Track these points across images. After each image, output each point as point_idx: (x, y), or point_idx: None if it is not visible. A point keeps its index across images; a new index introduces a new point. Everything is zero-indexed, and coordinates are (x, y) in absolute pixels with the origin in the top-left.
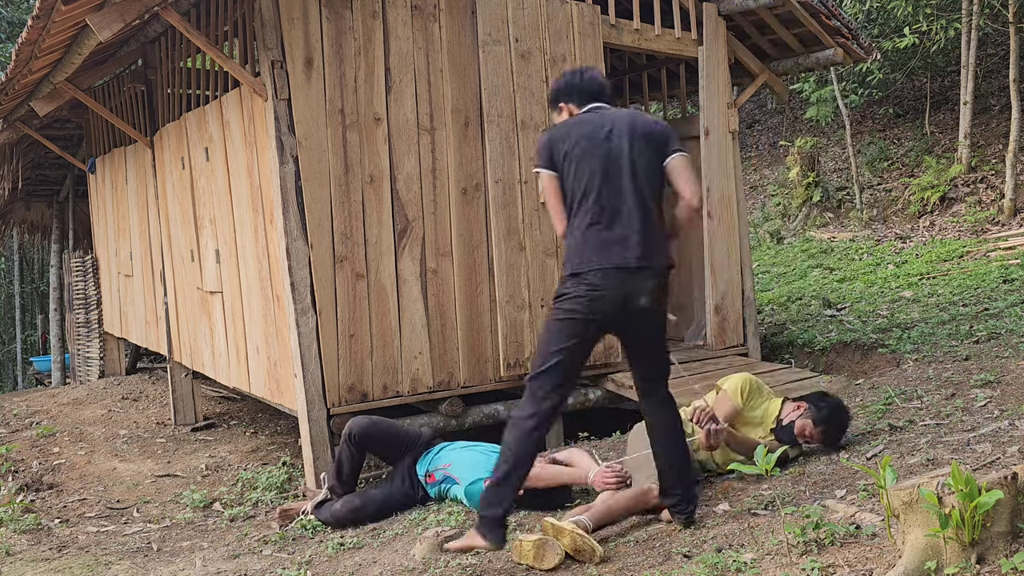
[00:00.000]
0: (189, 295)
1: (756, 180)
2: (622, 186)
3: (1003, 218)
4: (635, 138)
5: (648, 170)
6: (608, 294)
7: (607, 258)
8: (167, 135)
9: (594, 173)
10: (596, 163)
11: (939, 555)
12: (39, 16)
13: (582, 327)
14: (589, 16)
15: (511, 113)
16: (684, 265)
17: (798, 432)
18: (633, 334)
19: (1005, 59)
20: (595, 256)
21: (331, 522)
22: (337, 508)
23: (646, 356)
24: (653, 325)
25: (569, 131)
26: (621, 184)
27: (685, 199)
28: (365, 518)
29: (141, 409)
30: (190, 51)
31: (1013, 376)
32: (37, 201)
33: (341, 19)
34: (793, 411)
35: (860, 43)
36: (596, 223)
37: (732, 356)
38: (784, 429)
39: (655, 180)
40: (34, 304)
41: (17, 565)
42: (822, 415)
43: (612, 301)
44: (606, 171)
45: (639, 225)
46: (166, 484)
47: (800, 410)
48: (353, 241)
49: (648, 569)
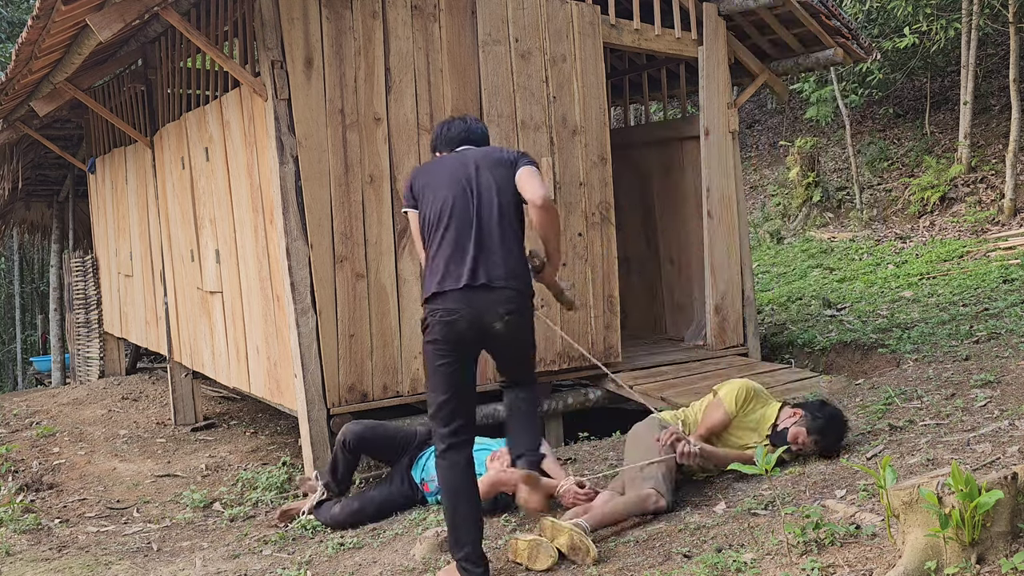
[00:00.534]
0: (189, 295)
1: (756, 180)
2: (473, 212)
3: (1003, 218)
4: (484, 166)
5: (501, 194)
6: (461, 316)
7: (458, 281)
8: (167, 135)
9: (446, 201)
10: (448, 192)
11: (939, 555)
12: (39, 16)
13: (449, 351)
14: (589, 16)
15: (511, 113)
16: (684, 265)
17: (791, 439)
18: (496, 352)
19: (1005, 59)
20: (448, 280)
21: (330, 524)
22: (336, 512)
23: (512, 369)
24: (515, 345)
25: (427, 168)
26: (472, 210)
27: (528, 199)
28: (365, 519)
29: (141, 409)
30: (190, 51)
31: (1013, 376)
32: (37, 201)
33: (341, 19)
34: (789, 417)
35: (860, 43)
36: (450, 249)
37: (732, 356)
38: (779, 435)
39: (509, 203)
40: (34, 304)
41: (17, 565)
42: (817, 425)
43: (468, 323)
44: (455, 199)
45: (492, 248)
46: (166, 484)
47: (796, 417)
48: (353, 241)
49: (648, 569)
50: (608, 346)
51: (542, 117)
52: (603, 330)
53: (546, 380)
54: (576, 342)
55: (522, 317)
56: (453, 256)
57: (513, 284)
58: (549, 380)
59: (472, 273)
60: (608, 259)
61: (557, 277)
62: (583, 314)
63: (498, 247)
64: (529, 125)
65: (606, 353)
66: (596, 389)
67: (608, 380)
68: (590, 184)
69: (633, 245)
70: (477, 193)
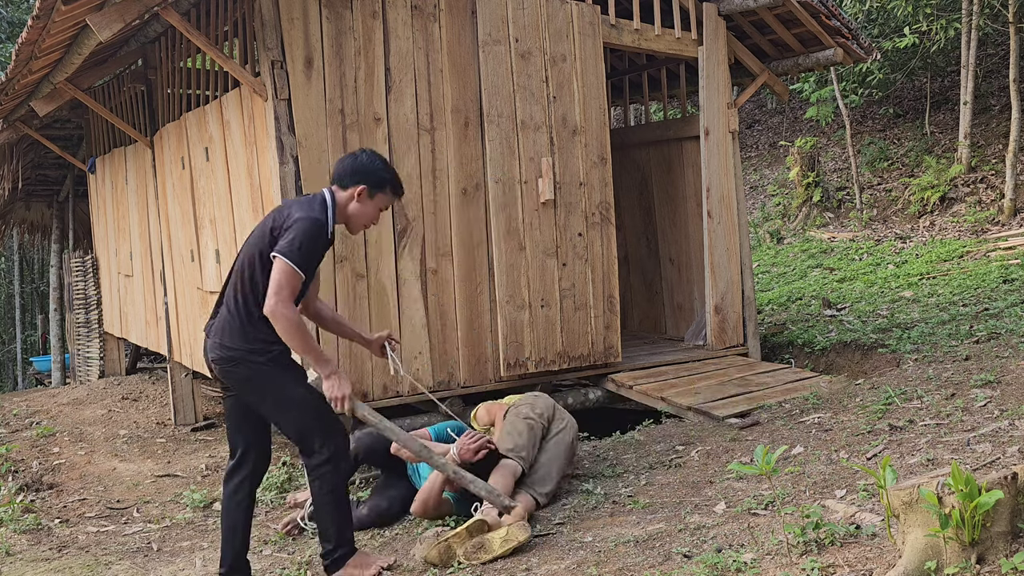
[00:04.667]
0: (189, 295)
1: (756, 180)
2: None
3: (1003, 218)
4: (256, 229)
5: (245, 260)
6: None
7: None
8: (167, 135)
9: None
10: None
11: (939, 555)
12: (39, 16)
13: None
14: (589, 16)
15: (511, 113)
16: (684, 265)
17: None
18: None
19: (1005, 59)
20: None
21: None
22: (364, 514)
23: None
24: (250, 403)
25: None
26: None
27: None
28: (391, 519)
29: (141, 409)
30: (190, 51)
31: (1013, 376)
32: (37, 201)
33: (341, 19)
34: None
35: (860, 43)
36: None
37: (732, 356)
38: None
39: (251, 269)
40: (34, 304)
41: (17, 565)
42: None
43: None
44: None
45: (221, 312)
46: (166, 484)
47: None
48: (353, 241)
49: (648, 569)
50: (608, 346)
51: (542, 117)
52: (603, 330)
53: (546, 380)
54: (576, 342)
55: (236, 370)
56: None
57: (216, 352)
58: (549, 380)
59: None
60: (608, 259)
61: (318, 373)
62: (583, 314)
63: (223, 313)
64: (529, 125)
65: (606, 353)
66: (596, 389)
67: (608, 380)
68: (590, 184)
69: (633, 245)
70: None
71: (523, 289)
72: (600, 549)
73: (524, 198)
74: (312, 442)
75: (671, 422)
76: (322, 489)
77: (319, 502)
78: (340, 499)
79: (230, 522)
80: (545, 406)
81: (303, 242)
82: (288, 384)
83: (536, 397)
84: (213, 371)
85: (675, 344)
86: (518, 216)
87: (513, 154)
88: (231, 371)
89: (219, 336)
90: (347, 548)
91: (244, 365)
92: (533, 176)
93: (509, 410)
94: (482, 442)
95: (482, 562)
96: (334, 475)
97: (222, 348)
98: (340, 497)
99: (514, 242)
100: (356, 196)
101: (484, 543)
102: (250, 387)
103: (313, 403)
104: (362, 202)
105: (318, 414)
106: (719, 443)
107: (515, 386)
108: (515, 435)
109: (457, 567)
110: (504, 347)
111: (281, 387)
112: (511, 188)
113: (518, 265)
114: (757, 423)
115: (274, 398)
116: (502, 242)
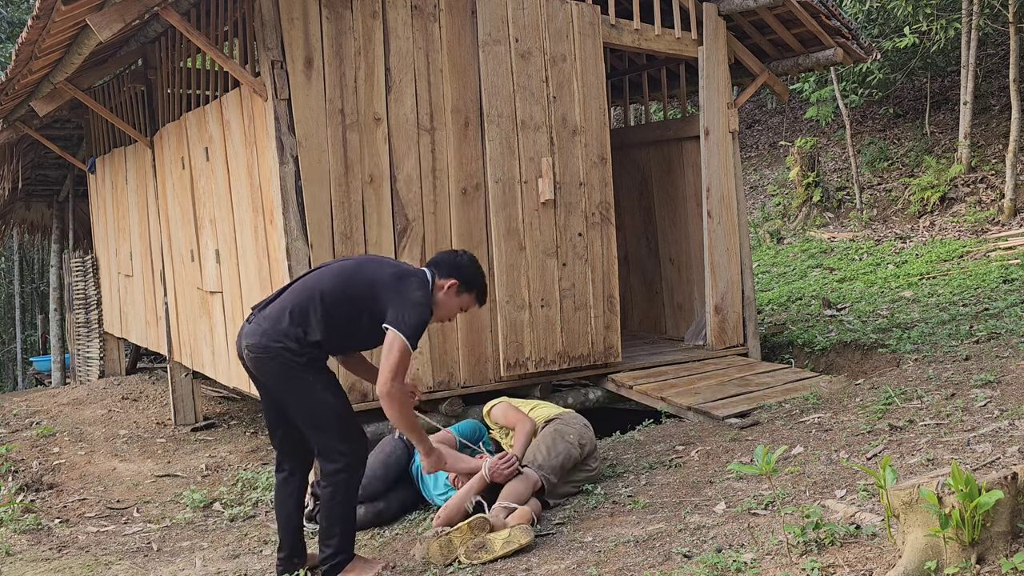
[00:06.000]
0: (189, 295)
1: (756, 180)
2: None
3: (1003, 218)
4: (347, 269)
5: (328, 290)
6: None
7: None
8: (167, 135)
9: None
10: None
11: (939, 555)
12: (39, 16)
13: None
14: (589, 16)
15: (511, 113)
16: (684, 265)
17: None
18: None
19: (1005, 59)
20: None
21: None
22: (362, 514)
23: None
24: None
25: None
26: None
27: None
28: (390, 519)
29: (141, 409)
30: (190, 51)
31: (1013, 376)
32: (37, 201)
33: (341, 19)
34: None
35: (860, 43)
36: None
37: (732, 356)
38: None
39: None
40: (34, 304)
41: (17, 565)
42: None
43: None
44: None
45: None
46: (166, 484)
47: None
48: (353, 241)
49: (648, 569)
50: (608, 346)
51: (542, 117)
52: (603, 330)
53: (546, 380)
54: (576, 342)
55: (271, 362)
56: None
57: (260, 326)
58: (549, 380)
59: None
60: (608, 259)
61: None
62: (583, 314)
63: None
64: (529, 125)
65: (606, 353)
66: (596, 389)
67: (608, 380)
68: (590, 184)
69: (633, 245)
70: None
71: (523, 289)
72: (600, 549)
73: (524, 198)
74: (333, 447)
75: (671, 422)
76: (335, 495)
77: (329, 507)
78: (351, 507)
79: (284, 512)
80: (591, 441)
81: (417, 326)
82: (318, 386)
83: (586, 427)
84: (244, 359)
85: (675, 344)
86: (518, 216)
87: (513, 154)
88: (266, 362)
89: (263, 323)
90: (347, 555)
91: (280, 360)
92: (533, 176)
93: (551, 424)
94: (516, 467)
95: (482, 562)
96: (349, 482)
97: (264, 335)
98: (352, 505)
99: (514, 242)
100: (447, 288)
101: (486, 543)
102: (281, 382)
103: (340, 409)
104: (449, 296)
105: (343, 420)
106: (719, 443)
107: (515, 386)
108: (551, 455)
109: (457, 566)
110: (504, 347)
111: (311, 387)
112: (511, 188)
113: (518, 265)
114: (757, 423)
115: (302, 398)
116: (502, 242)
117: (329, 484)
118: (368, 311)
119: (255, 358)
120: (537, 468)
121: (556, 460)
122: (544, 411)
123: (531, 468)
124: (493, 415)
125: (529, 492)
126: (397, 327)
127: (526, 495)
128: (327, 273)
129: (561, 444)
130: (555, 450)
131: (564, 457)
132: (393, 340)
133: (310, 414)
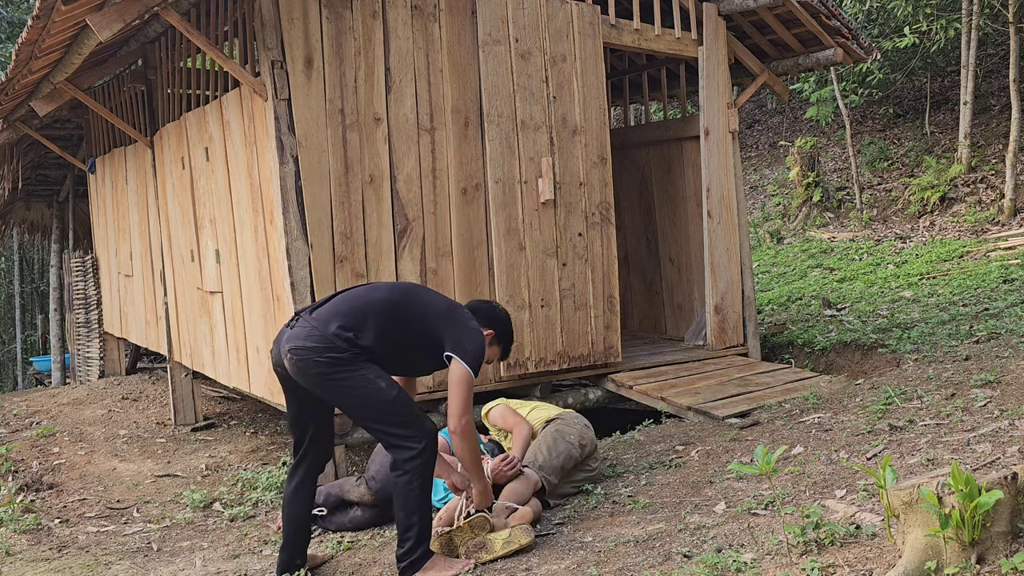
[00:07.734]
0: (189, 295)
1: (756, 180)
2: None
3: (1003, 218)
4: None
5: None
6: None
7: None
8: (167, 135)
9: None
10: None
11: (939, 555)
12: (39, 16)
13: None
14: (589, 16)
15: (511, 113)
16: (684, 265)
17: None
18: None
19: (1005, 59)
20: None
21: (349, 528)
22: (359, 515)
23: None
24: (329, 401)
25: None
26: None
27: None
28: (390, 519)
29: (141, 409)
30: (190, 51)
31: (1013, 376)
32: (37, 201)
33: (341, 19)
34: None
35: (860, 43)
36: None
37: (732, 356)
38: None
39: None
40: (34, 304)
41: (17, 565)
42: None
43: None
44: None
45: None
46: (166, 484)
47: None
48: (353, 241)
49: (648, 569)
50: (608, 346)
51: (542, 117)
52: (603, 330)
53: (546, 380)
54: (576, 342)
55: (317, 362)
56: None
57: (303, 330)
58: (549, 380)
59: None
60: (608, 259)
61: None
62: (583, 314)
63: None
64: (529, 125)
65: (606, 353)
66: (596, 389)
67: (608, 380)
68: (590, 184)
69: (633, 245)
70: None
71: (523, 289)
72: (600, 549)
73: (524, 198)
74: (397, 435)
75: (671, 422)
76: (411, 484)
77: (406, 497)
78: (428, 496)
79: (291, 513)
80: (592, 441)
81: (477, 355)
82: (368, 377)
83: (587, 428)
84: (286, 367)
85: (675, 344)
86: (518, 216)
87: (513, 154)
88: (311, 365)
89: (307, 327)
90: (425, 548)
91: (325, 361)
92: (533, 176)
93: (551, 424)
94: (517, 468)
95: (483, 562)
96: (425, 467)
97: (309, 338)
98: (428, 494)
99: (514, 242)
100: (484, 336)
101: (486, 543)
102: (328, 383)
103: (393, 395)
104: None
105: (400, 406)
106: (719, 443)
107: (515, 386)
108: (552, 456)
109: None
110: None
111: (360, 381)
112: (511, 188)
113: (518, 265)
114: (757, 423)
115: (353, 393)
116: (502, 242)
117: (404, 472)
118: (420, 333)
119: (299, 361)
120: (538, 469)
121: (557, 460)
122: (542, 412)
123: (532, 468)
124: (491, 417)
125: (530, 492)
126: (461, 356)
127: (527, 495)
128: (381, 286)
129: (562, 444)
130: (556, 450)
131: (565, 457)
132: (458, 373)
133: (365, 408)
